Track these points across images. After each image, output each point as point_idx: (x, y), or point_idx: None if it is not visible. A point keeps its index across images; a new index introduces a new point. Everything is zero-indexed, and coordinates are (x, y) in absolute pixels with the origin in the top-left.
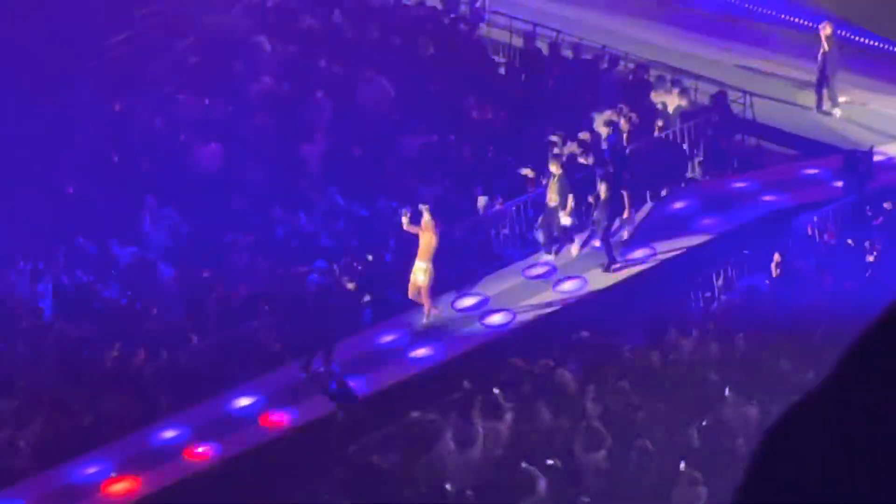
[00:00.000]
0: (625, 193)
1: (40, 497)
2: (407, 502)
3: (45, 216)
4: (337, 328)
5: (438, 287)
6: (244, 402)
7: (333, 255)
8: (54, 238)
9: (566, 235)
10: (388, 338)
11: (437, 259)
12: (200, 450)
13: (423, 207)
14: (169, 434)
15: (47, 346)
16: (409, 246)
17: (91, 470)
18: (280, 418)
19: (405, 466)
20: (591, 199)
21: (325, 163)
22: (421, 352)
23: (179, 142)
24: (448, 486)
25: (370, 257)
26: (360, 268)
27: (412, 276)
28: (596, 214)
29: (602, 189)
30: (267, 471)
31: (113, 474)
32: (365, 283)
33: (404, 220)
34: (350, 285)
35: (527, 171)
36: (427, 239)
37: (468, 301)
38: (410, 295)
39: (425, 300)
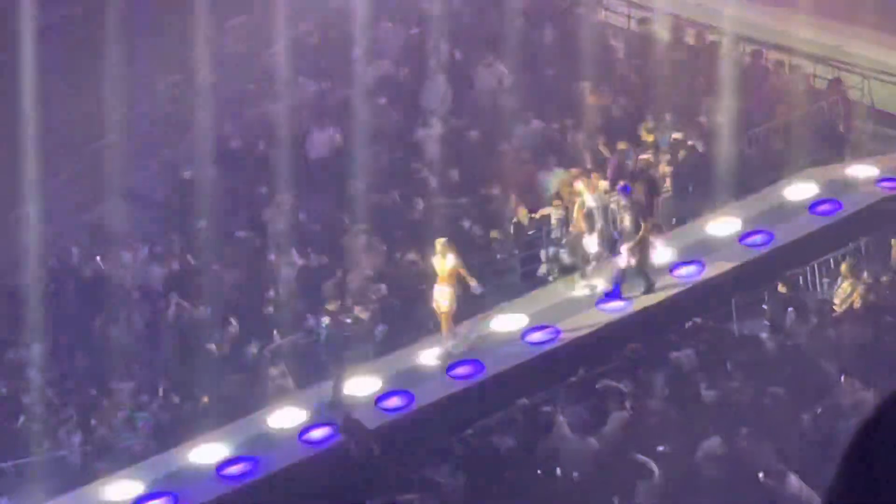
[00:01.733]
0: (642, 223)
1: (158, 478)
2: (523, 486)
3: (164, 199)
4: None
5: None
6: (356, 384)
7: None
8: (173, 221)
9: (595, 260)
10: (506, 321)
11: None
12: (315, 433)
13: (441, 240)
14: (285, 416)
15: (165, 328)
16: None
17: (208, 451)
18: (396, 401)
19: (522, 450)
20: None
21: (442, 148)
22: (538, 336)
23: (298, 126)
24: (560, 471)
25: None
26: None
27: (435, 304)
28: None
29: (625, 217)
30: (385, 451)
31: (229, 456)
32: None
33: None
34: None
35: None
36: (442, 264)
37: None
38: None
39: (448, 326)
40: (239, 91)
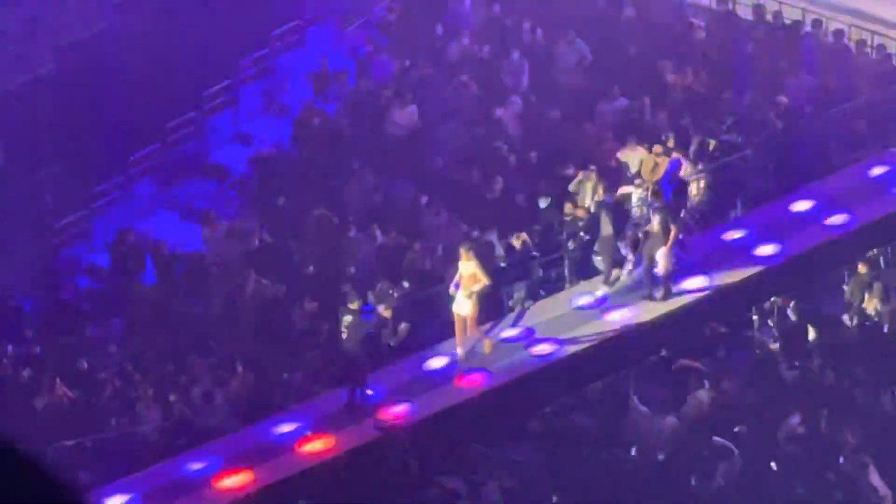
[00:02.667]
0: (673, 227)
1: (237, 454)
2: (601, 464)
3: (244, 176)
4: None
5: None
6: (438, 362)
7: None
8: (252, 198)
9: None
10: (583, 300)
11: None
12: (397, 409)
13: (464, 245)
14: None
15: (242, 305)
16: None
17: (286, 428)
18: (474, 379)
19: (601, 429)
20: (640, 234)
21: (522, 126)
22: (616, 315)
23: (378, 102)
24: (638, 450)
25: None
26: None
27: (455, 307)
28: (646, 246)
29: (654, 222)
30: (463, 429)
31: (308, 433)
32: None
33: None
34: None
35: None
36: (469, 271)
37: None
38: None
39: (472, 331)
40: (320, 69)
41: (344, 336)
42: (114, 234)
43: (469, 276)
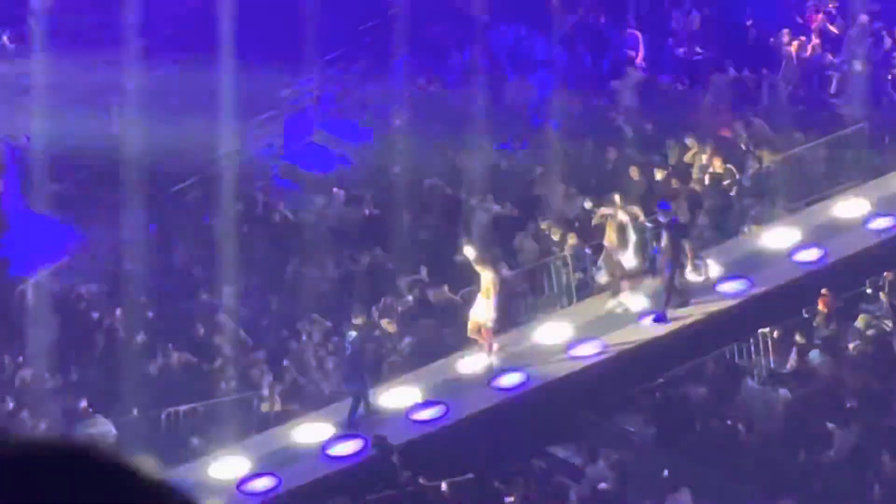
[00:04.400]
0: (686, 244)
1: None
2: (713, 436)
3: (359, 145)
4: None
5: None
6: (551, 331)
7: None
8: (367, 167)
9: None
10: (693, 277)
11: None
12: (505, 379)
13: (469, 247)
14: (474, 363)
15: (357, 272)
16: None
17: (398, 396)
18: (586, 349)
19: (712, 400)
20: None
21: (639, 96)
22: (732, 286)
23: (494, 73)
24: (750, 422)
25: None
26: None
27: (472, 312)
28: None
29: (664, 238)
30: (576, 400)
31: (420, 401)
32: None
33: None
34: None
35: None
36: (486, 276)
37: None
38: (470, 333)
39: (486, 338)
40: (438, 39)
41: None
42: (227, 200)
43: (486, 286)
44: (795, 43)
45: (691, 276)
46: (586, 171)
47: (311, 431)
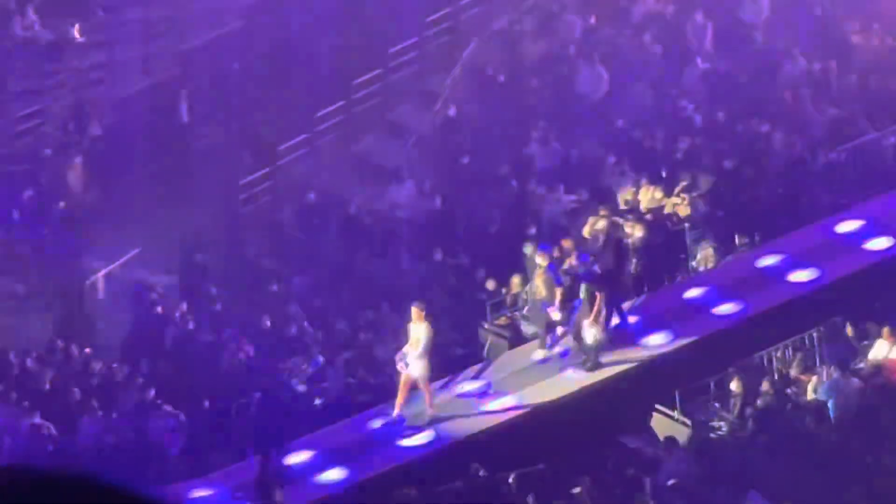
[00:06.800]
0: (599, 295)
1: (418, 413)
2: (787, 426)
3: (430, 134)
4: None
5: None
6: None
7: None
8: (438, 156)
9: (556, 330)
10: (767, 261)
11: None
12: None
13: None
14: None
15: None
16: None
17: (468, 386)
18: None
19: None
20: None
21: (707, 86)
22: (804, 275)
23: (565, 63)
24: (813, 417)
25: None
26: None
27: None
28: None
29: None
30: (648, 390)
31: (489, 392)
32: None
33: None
34: None
35: None
36: (420, 328)
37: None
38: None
39: (426, 391)
40: (504, 26)
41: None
42: (298, 191)
43: (417, 337)
44: (864, 32)
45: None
46: (657, 161)
47: (380, 423)
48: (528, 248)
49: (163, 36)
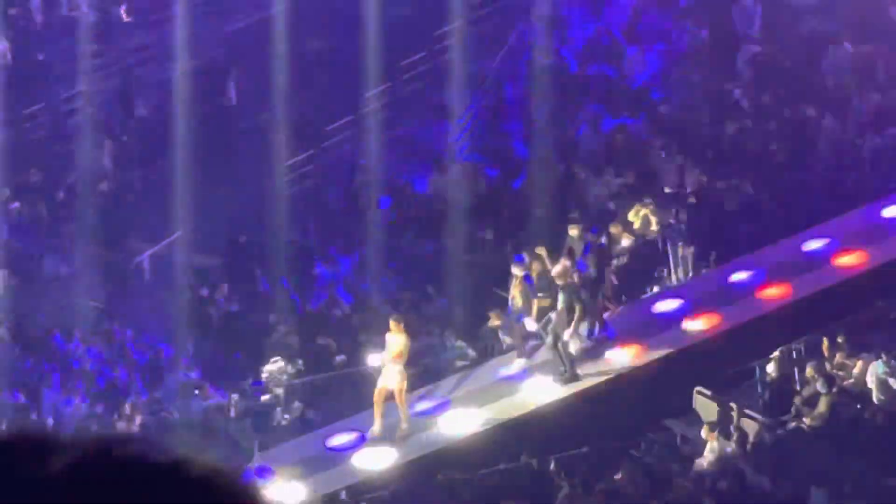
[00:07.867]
0: (577, 306)
1: (468, 393)
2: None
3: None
4: None
5: None
6: (815, 245)
7: None
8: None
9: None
10: (812, 245)
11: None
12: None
13: (394, 317)
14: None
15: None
16: None
17: (513, 366)
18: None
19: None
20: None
21: (755, 70)
22: (847, 260)
23: (613, 47)
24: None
25: None
26: None
27: (381, 379)
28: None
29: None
30: (691, 374)
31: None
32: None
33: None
34: None
35: None
36: (399, 339)
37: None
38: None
39: (401, 403)
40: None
41: None
42: (343, 173)
43: (394, 349)
44: None
45: (572, 343)
46: (704, 144)
47: (425, 405)
48: (574, 230)
49: (208, 17)
